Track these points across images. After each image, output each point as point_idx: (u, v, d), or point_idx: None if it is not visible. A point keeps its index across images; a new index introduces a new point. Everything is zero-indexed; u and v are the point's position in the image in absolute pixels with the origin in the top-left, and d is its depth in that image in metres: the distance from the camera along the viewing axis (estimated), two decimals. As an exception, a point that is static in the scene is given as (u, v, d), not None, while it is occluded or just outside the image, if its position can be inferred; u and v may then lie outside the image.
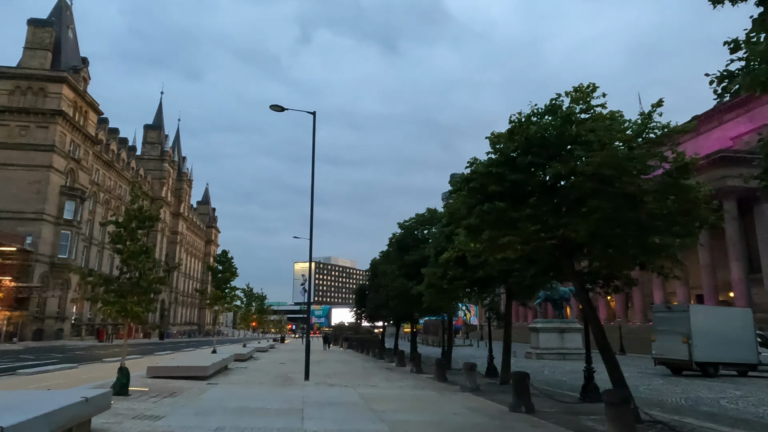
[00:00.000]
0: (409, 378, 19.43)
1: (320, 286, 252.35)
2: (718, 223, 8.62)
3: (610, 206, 7.82)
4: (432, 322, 68.26)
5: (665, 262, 9.79)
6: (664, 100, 9.04)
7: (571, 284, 36.83)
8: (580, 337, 37.30)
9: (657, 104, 8.98)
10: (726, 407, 13.51)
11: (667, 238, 8.23)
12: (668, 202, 8.05)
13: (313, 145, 19.44)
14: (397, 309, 25.74)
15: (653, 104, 9.01)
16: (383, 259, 30.03)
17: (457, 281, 16.43)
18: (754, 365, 22.34)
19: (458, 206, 10.06)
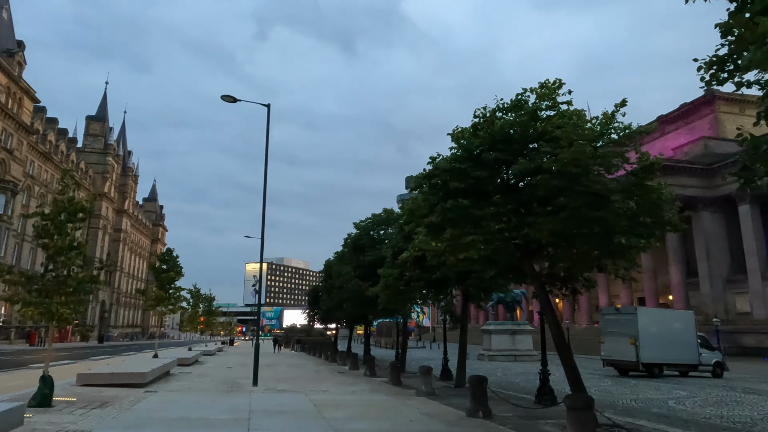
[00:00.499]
0: (362, 382, 18.86)
1: (272, 287, 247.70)
2: (680, 225, 8.58)
3: (577, 205, 7.58)
4: (385, 324, 67.93)
5: (623, 264, 9.70)
6: (627, 100, 8.91)
7: (523, 287, 37.36)
8: (531, 339, 37.93)
9: (621, 104, 8.84)
10: (675, 408, 13.72)
11: (631, 238, 8.09)
12: (632, 203, 7.91)
13: (267, 139, 18.59)
14: (352, 310, 25.13)
15: (617, 104, 8.87)
16: (338, 260, 29.35)
17: (414, 282, 16.02)
18: (695, 366, 23.18)
19: (419, 204, 9.61)
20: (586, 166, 7.62)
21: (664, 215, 8.21)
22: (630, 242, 8.08)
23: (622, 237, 7.93)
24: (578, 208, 7.56)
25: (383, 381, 19.04)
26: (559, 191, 7.72)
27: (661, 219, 8.23)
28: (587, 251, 8.64)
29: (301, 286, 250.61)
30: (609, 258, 8.94)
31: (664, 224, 8.35)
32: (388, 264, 17.44)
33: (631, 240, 8.07)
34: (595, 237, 8.11)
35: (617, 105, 8.85)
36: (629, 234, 8.03)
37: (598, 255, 8.83)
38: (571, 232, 8.09)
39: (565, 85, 8.70)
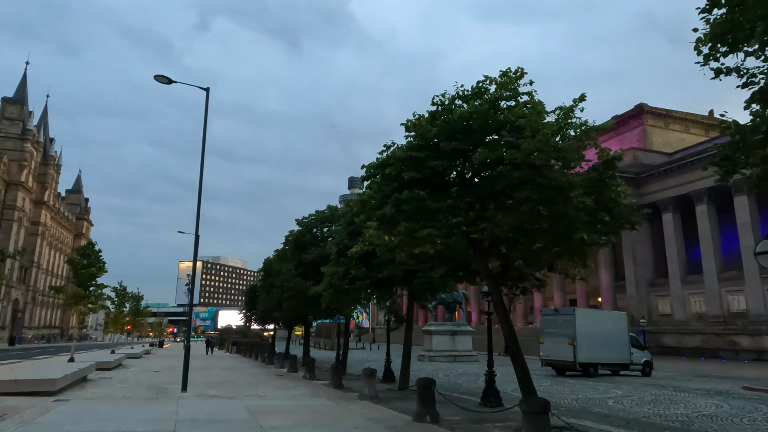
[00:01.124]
0: (302, 386, 17.94)
1: (207, 286, 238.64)
2: (638, 222, 8.45)
3: (540, 198, 7.22)
4: (325, 325, 66.76)
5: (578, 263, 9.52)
6: (586, 95, 8.69)
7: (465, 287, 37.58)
8: (470, 339, 38.32)
9: (579, 99, 8.59)
10: (614, 407, 13.86)
11: (593, 235, 7.85)
12: (592, 198, 7.67)
13: (205, 125, 17.29)
14: (292, 311, 24.08)
15: (575, 99, 8.62)
16: (278, 258, 28.15)
17: (360, 281, 15.35)
18: (626, 365, 24.04)
19: (371, 195, 8.97)
20: (550, 158, 7.28)
21: (623, 212, 8.04)
22: (592, 239, 7.83)
23: (584, 233, 7.66)
24: (541, 202, 7.21)
25: (324, 384, 18.22)
26: (521, 184, 7.35)
27: (620, 216, 8.06)
28: (547, 247, 8.33)
29: (238, 286, 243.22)
30: (568, 255, 8.68)
31: (623, 221, 8.19)
32: (332, 262, 16.66)
33: (593, 237, 7.83)
34: (556, 233, 7.80)
35: (576, 100, 8.61)
36: (590, 231, 7.79)
37: (558, 252, 8.54)
38: (532, 227, 7.73)
39: (527, 75, 8.35)
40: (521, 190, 7.31)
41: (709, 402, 14.61)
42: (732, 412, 12.85)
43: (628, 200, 8.32)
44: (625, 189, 8.17)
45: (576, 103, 8.58)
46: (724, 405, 13.97)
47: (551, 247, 8.27)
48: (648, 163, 52.95)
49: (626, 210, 8.13)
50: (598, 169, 7.85)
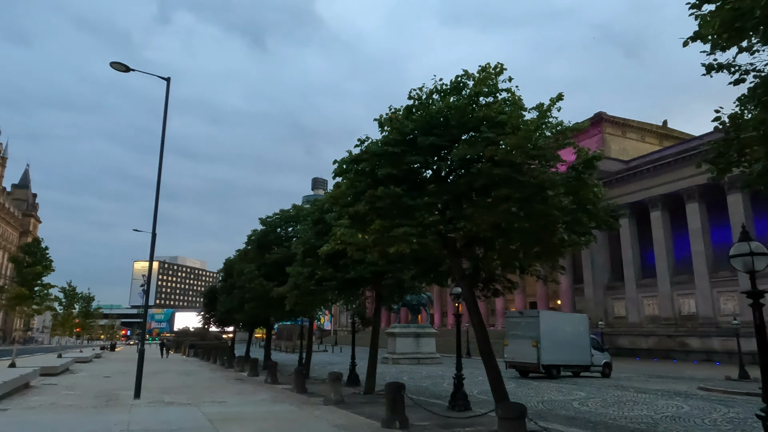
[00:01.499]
0: (264, 390, 17.28)
1: (164, 287, 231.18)
2: (615, 224, 8.37)
3: (520, 197, 7.00)
4: (286, 327, 65.67)
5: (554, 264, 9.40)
6: (563, 94, 8.54)
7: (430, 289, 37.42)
8: (434, 342, 38.32)
9: (557, 98, 8.42)
10: (580, 410, 13.91)
11: (572, 235, 7.71)
12: (571, 199, 7.52)
13: (165, 117, 16.43)
14: (254, 312, 23.30)
15: (552, 98, 8.45)
16: (240, 258, 27.25)
17: (327, 282, 14.88)
18: (587, 366, 24.44)
19: (343, 191, 8.56)
20: (531, 155, 7.09)
21: (600, 213, 7.95)
22: (572, 239, 7.69)
23: (564, 233, 7.50)
24: (521, 201, 7.00)
25: (286, 388, 17.62)
26: (501, 182, 7.12)
27: (598, 217, 7.96)
28: (526, 247, 8.14)
29: (196, 287, 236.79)
30: (546, 255, 8.50)
31: (601, 222, 8.09)
32: (298, 262, 16.12)
33: (572, 237, 7.69)
34: (534, 232, 7.62)
35: (553, 99, 8.45)
36: (569, 231, 7.64)
37: (537, 252, 8.36)
38: (512, 226, 7.52)
39: (507, 71, 8.14)
40: (501, 188, 7.08)
41: (670, 403, 14.89)
42: (693, 412, 13.09)
43: (605, 202, 8.23)
44: (601, 190, 8.08)
45: (554, 102, 8.42)
46: (684, 406, 14.26)
47: (530, 247, 8.10)
48: (606, 170, 54.48)
49: (603, 211, 8.05)
50: (577, 169, 7.73)
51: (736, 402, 15.12)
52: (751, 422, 11.62)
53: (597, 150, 8.10)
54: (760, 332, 7.07)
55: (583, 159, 7.66)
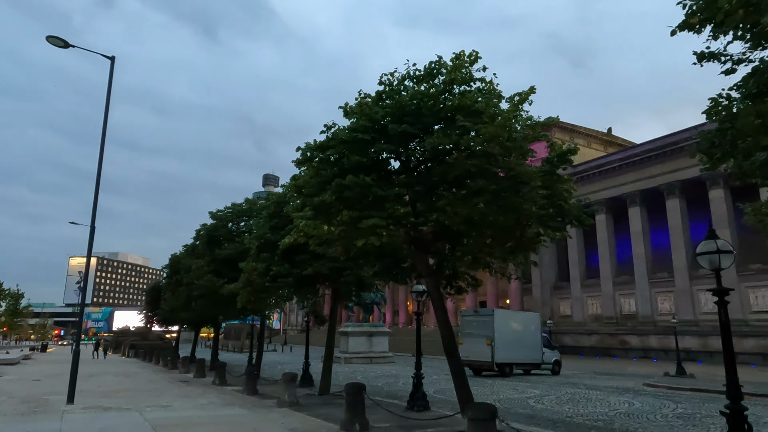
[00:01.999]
0: (212, 392, 16.37)
1: (102, 285, 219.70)
2: (587, 219, 8.26)
3: (497, 189, 6.73)
4: (234, 326, 63.59)
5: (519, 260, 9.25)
6: (535, 88, 8.36)
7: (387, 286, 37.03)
8: (387, 341, 38.09)
9: (529, 91, 8.19)
10: (537, 407, 13.95)
11: (547, 230, 7.52)
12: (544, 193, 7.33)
13: (108, 101, 15.21)
14: (202, 310, 22.17)
15: (524, 91, 8.23)
16: (188, 254, 25.94)
17: (282, 279, 14.22)
18: (538, 364, 24.87)
19: (307, 179, 8.02)
20: (506, 147, 6.83)
21: (572, 209, 7.81)
22: (547, 233, 7.50)
23: (539, 228, 7.30)
24: (497, 193, 6.73)
25: (236, 390, 16.79)
26: (477, 173, 6.82)
27: (570, 212, 7.82)
28: (501, 241, 7.88)
29: (137, 285, 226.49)
30: (520, 250, 8.28)
31: (573, 218, 7.94)
32: (252, 257, 15.36)
33: (547, 231, 7.51)
34: (508, 226, 7.38)
35: (525, 92, 8.24)
36: (543, 225, 7.46)
37: (511, 247, 8.13)
38: (486, 220, 7.24)
39: (481, 60, 7.86)
40: (477, 180, 6.79)
41: (621, 399, 15.23)
42: (644, 408, 13.39)
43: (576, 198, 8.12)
44: (572, 186, 7.96)
45: (527, 95, 8.18)
46: (635, 402, 14.60)
47: (504, 241, 7.86)
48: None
49: (575, 208, 7.91)
50: (552, 162, 7.55)
51: (681, 398, 15.67)
52: (700, 417, 12.00)
53: (572, 144, 7.96)
54: (725, 329, 7.14)
55: (558, 153, 7.49)
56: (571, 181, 7.86)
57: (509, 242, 7.94)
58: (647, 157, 46.03)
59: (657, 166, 45.22)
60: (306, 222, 8.06)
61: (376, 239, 7.12)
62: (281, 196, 16.12)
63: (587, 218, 8.06)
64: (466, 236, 7.96)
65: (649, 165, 45.92)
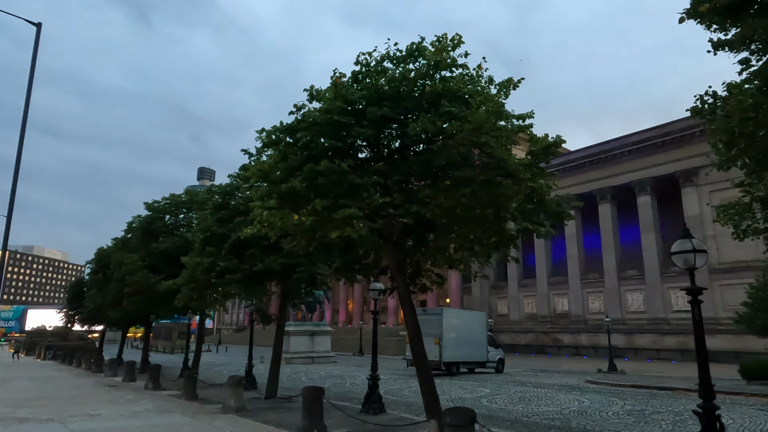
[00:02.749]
0: (145, 398, 15.04)
1: (15, 281, 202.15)
2: (567, 216, 8.00)
3: (485, 179, 6.32)
4: (165, 326, 60.12)
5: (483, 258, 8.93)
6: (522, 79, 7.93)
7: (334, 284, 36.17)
8: (329, 340, 37.31)
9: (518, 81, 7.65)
10: (492, 407, 13.84)
11: (534, 224, 7.20)
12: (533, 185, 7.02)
13: (32, 72, 13.51)
14: (133, 309, 20.44)
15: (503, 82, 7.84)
16: (119, 248, 23.95)
17: (230, 275, 13.21)
18: (483, 363, 25.07)
19: (274, 165, 7.25)
20: (494, 136, 6.44)
21: (551, 204, 7.54)
22: (535, 228, 7.18)
23: (524, 222, 6.98)
24: (486, 184, 6.32)
25: (173, 395, 15.56)
26: (465, 162, 6.39)
27: (549, 207, 7.54)
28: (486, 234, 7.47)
29: (55, 281, 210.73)
30: (504, 244, 7.89)
31: (551, 213, 7.65)
32: (196, 252, 14.21)
33: (535, 226, 7.19)
34: (495, 220, 6.99)
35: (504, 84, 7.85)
36: (528, 219, 7.13)
37: (495, 242, 7.73)
38: (472, 213, 6.81)
39: (464, 45, 7.42)
40: (463, 170, 6.35)
41: (570, 397, 15.46)
42: (594, 406, 13.62)
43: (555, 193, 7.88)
44: (554, 181, 7.71)
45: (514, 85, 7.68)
46: (584, 400, 14.86)
47: (488, 236, 7.48)
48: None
49: (553, 203, 7.63)
50: (535, 155, 7.23)
51: (625, 394, 16.16)
52: (649, 413, 12.31)
53: (556, 136, 7.68)
54: (698, 328, 7.15)
55: (543, 144, 7.17)
56: (553, 176, 7.60)
57: (493, 237, 7.59)
58: (582, 164, 48.12)
59: (591, 172, 47.37)
60: (270, 212, 7.27)
61: (353, 231, 6.50)
62: (229, 187, 15.06)
63: (568, 214, 7.82)
64: (447, 230, 7.52)
65: (584, 171, 48.00)
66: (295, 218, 6.77)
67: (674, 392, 16.28)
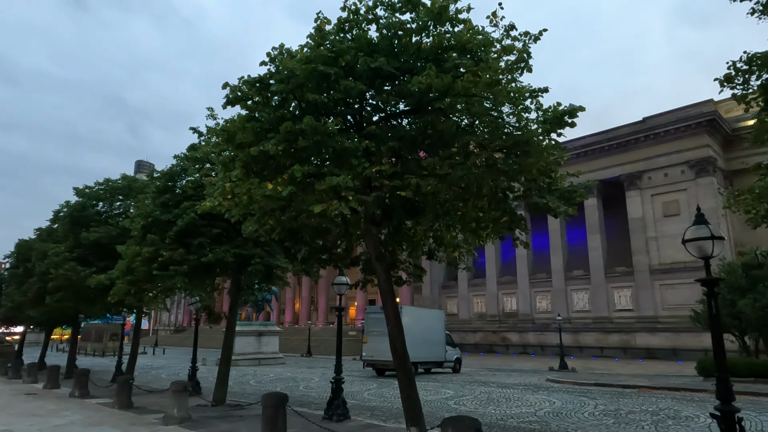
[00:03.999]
0: (71, 408, 13.11)
1: None
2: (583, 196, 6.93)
3: (502, 145, 5.32)
4: (95, 326, 55.69)
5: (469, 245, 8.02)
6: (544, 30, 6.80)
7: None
8: (278, 340, 35.54)
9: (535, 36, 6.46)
10: (460, 410, 13.04)
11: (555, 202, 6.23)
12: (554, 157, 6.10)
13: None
14: (58, 306, 18.10)
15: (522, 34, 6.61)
16: (42, 238, 21.39)
17: (175, 266, 11.61)
18: (441, 363, 24.36)
19: (241, 125, 5.93)
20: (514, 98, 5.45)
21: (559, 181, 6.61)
22: (555, 206, 6.22)
23: (544, 199, 6.04)
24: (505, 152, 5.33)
25: (104, 404, 13.70)
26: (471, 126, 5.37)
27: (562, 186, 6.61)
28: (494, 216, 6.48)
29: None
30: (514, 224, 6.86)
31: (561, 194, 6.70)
32: (135, 240, 12.47)
33: (555, 203, 6.22)
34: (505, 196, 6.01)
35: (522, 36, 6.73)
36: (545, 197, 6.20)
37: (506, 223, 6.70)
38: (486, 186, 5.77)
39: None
40: (472, 135, 5.34)
41: (539, 398, 14.89)
42: (567, 407, 13.06)
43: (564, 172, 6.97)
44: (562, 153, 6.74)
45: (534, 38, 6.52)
46: (554, 400, 14.30)
47: (499, 215, 6.47)
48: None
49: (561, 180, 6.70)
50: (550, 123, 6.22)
51: (592, 393, 15.79)
52: (624, 413, 11.86)
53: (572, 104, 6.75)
54: (715, 323, 6.52)
55: (557, 113, 6.18)
56: (566, 151, 6.70)
57: (503, 216, 6.58)
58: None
59: (541, 173, 48.13)
60: (235, 183, 5.93)
61: (343, 206, 5.29)
62: (176, 168, 13.40)
63: (584, 193, 6.86)
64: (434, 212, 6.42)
65: (534, 172, 48.65)
66: (270, 187, 5.49)
67: (639, 390, 16.11)
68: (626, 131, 43.63)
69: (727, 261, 20.51)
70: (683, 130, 40.32)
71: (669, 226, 40.52)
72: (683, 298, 38.73)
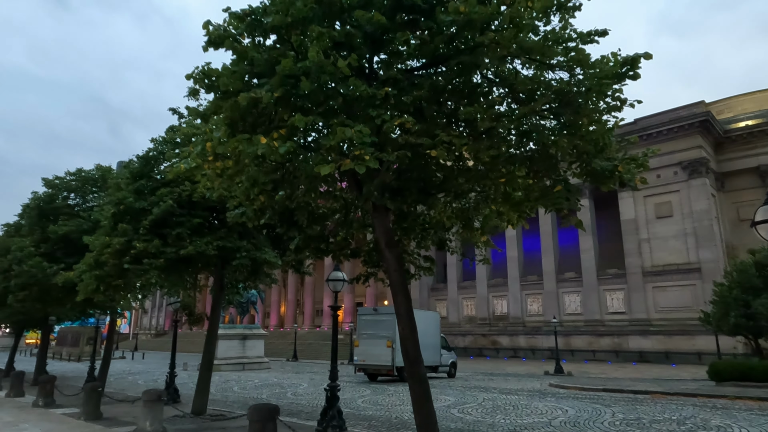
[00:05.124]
0: (31, 419, 11.66)
1: None
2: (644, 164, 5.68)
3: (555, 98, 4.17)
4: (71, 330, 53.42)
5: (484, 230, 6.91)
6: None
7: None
8: (263, 344, 34.06)
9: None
10: (466, 419, 11.87)
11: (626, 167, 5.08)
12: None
13: None
14: (24, 307, 16.52)
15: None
16: (8, 234, 19.79)
17: (149, 260, 10.28)
18: (437, 367, 23.19)
19: (230, 68, 4.68)
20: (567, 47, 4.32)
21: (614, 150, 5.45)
22: (626, 171, 5.05)
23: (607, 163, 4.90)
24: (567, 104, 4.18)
25: (70, 414, 12.28)
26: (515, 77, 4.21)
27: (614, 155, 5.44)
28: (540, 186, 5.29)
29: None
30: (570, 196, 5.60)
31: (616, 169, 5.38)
32: (104, 229, 11.11)
33: (626, 167, 5.04)
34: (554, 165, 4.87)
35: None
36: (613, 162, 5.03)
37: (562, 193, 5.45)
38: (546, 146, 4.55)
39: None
40: (527, 83, 4.19)
41: (548, 405, 13.80)
42: (582, 415, 11.98)
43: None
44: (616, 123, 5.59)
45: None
46: (566, 408, 13.20)
47: (553, 184, 5.28)
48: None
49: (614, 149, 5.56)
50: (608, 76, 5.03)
51: (604, 400, 14.74)
52: (647, 422, 10.83)
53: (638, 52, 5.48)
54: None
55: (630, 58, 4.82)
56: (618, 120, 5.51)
57: (557, 185, 5.33)
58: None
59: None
60: (218, 139, 4.66)
61: (359, 165, 4.06)
62: (153, 152, 12.07)
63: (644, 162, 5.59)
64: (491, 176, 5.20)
65: (526, 173, 47.99)
66: (263, 141, 4.25)
67: (653, 396, 15.13)
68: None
69: (740, 260, 19.74)
70: (676, 131, 39.89)
71: (662, 227, 40.04)
72: (675, 301, 38.22)
